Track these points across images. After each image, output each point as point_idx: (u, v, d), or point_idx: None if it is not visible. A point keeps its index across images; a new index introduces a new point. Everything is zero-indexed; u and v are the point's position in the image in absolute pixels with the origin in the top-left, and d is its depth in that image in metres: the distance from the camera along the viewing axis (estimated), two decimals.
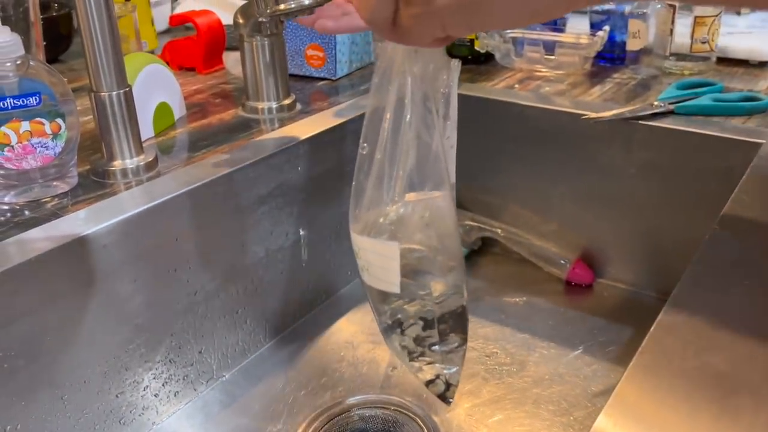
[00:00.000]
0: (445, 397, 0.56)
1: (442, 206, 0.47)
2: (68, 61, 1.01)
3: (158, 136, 0.74)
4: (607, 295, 0.83)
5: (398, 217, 0.47)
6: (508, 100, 0.82)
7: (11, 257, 0.51)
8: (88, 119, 0.71)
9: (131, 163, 0.64)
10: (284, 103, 0.79)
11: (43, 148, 0.59)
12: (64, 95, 0.60)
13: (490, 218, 0.89)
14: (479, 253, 0.90)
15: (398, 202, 0.46)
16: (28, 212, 0.58)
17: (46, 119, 0.59)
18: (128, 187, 0.63)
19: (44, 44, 0.79)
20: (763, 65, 0.91)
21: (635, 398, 0.38)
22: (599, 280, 0.84)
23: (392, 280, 0.47)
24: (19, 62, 0.57)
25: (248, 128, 0.76)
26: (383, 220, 0.47)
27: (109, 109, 0.62)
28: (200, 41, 0.94)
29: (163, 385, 0.64)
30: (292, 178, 0.72)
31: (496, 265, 0.89)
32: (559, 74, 0.91)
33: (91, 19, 0.58)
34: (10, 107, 0.57)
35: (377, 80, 0.46)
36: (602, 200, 0.80)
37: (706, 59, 0.89)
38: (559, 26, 0.97)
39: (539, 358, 0.72)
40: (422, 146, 0.45)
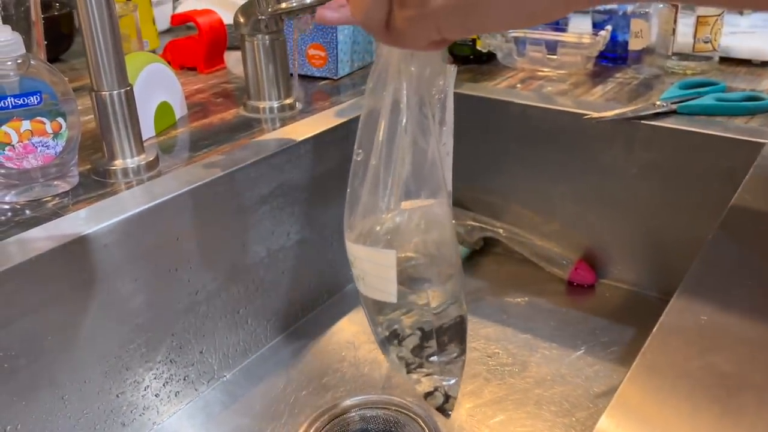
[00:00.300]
0: (444, 409, 0.55)
1: (438, 214, 0.46)
2: (69, 60, 1.01)
3: (159, 135, 0.74)
4: (609, 295, 0.82)
5: (394, 225, 0.46)
6: (510, 99, 0.82)
7: (12, 257, 0.51)
8: (89, 118, 0.71)
9: (132, 162, 0.64)
10: (285, 102, 0.79)
11: (43, 147, 0.59)
12: (65, 94, 0.60)
13: (491, 218, 0.89)
14: (481, 253, 0.90)
15: (394, 209, 0.45)
16: (28, 211, 0.58)
17: (47, 118, 0.59)
18: (129, 186, 0.62)
19: (45, 43, 0.79)
20: (765, 65, 0.91)
21: (638, 399, 0.38)
22: (601, 280, 0.84)
23: (389, 289, 0.45)
24: (20, 61, 0.57)
25: (249, 128, 0.75)
26: (379, 228, 0.46)
27: (110, 108, 0.62)
28: (201, 40, 0.94)
29: (164, 385, 0.64)
30: (293, 177, 0.72)
31: (497, 265, 0.89)
32: (561, 74, 0.91)
33: (92, 18, 0.58)
34: (11, 106, 0.57)
35: (372, 84, 0.45)
36: (604, 200, 0.80)
37: (708, 59, 0.88)
38: (561, 26, 0.97)
39: (541, 358, 0.72)
40: (418, 152, 0.44)
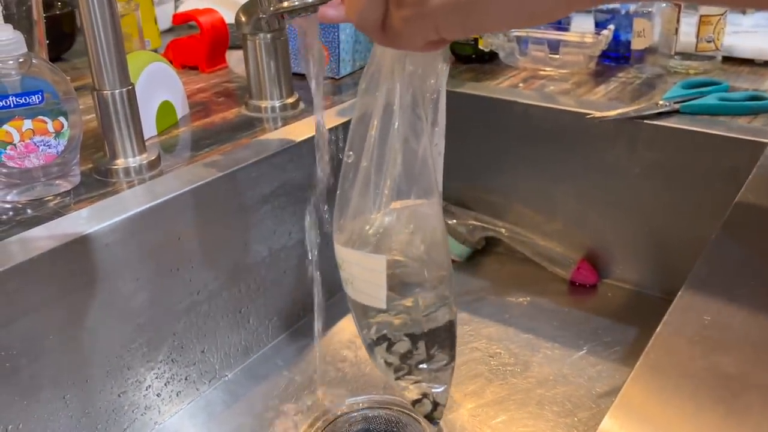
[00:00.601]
0: (432, 417, 0.54)
1: (429, 215, 0.45)
2: (71, 59, 1.01)
3: (161, 134, 0.74)
4: (611, 295, 0.82)
5: (384, 227, 0.45)
6: (512, 99, 0.82)
7: (14, 256, 0.51)
8: (90, 118, 0.71)
9: (134, 161, 0.64)
10: (287, 101, 0.79)
11: (45, 146, 0.59)
12: (66, 93, 0.60)
13: (493, 218, 0.89)
14: (483, 252, 0.90)
15: (384, 211, 0.44)
16: (30, 211, 0.58)
17: (48, 117, 0.59)
18: (131, 185, 0.62)
19: (47, 42, 0.79)
20: None
21: (641, 399, 0.38)
22: (604, 280, 0.84)
23: (378, 294, 0.45)
24: (21, 60, 0.57)
25: (251, 127, 0.75)
26: (368, 228, 0.45)
27: (111, 107, 0.61)
28: (203, 40, 0.94)
29: (165, 384, 0.64)
30: (295, 177, 0.72)
31: (499, 264, 0.89)
32: (563, 73, 0.91)
33: (94, 17, 0.58)
34: (12, 105, 0.57)
35: (365, 85, 0.44)
36: (607, 200, 0.80)
37: (711, 58, 0.88)
38: (563, 25, 0.97)
39: (543, 358, 0.72)
40: (410, 153, 0.44)
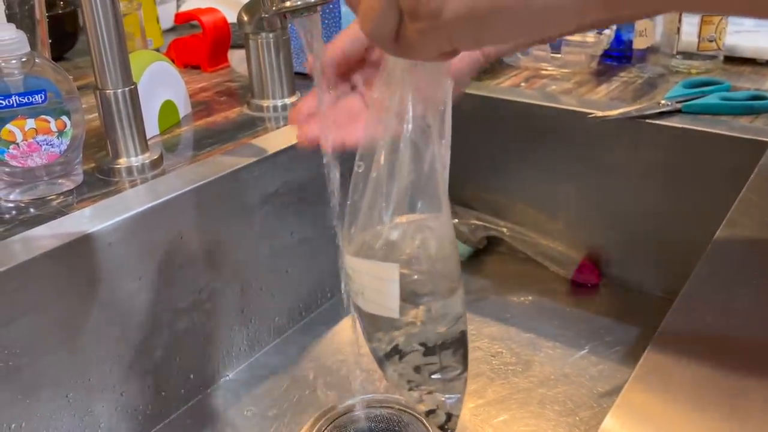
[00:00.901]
0: (445, 428, 0.54)
1: (439, 227, 0.45)
2: (73, 58, 1.02)
3: (163, 134, 0.74)
4: (613, 295, 0.82)
5: (394, 238, 0.45)
6: (513, 98, 0.82)
7: (16, 255, 0.51)
8: (93, 117, 0.71)
9: (136, 160, 0.64)
10: (289, 101, 0.79)
11: (48, 145, 0.59)
12: (69, 93, 0.60)
13: (495, 217, 0.89)
14: (484, 252, 0.90)
15: (394, 223, 0.44)
16: (33, 210, 0.58)
17: (51, 117, 0.59)
18: (133, 184, 0.62)
19: (50, 42, 0.79)
20: None
21: (643, 399, 0.38)
22: (605, 279, 0.84)
23: (391, 305, 0.44)
24: (24, 59, 0.57)
25: (253, 126, 0.75)
26: (379, 241, 0.45)
27: (114, 106, 0.62)
28: (205, 39, 0.94)
29: (167, 383, 0.64)
30: (297, 176, 0.72)
31: (501, 264, 0.89)
32: (565, 72, 0.91)
33: (96, 16, 0.58)
34: (15, 104, 0.57)
35: (376, 95, 0.44)
36: (608, 199, 0.80)
37: (713, 58, 0.88)
38: None
39: (545, 358, 0.72)
40: (419, 165, 0.44)
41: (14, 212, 0.58)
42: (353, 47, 0.48)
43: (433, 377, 0.49)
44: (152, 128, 0.72)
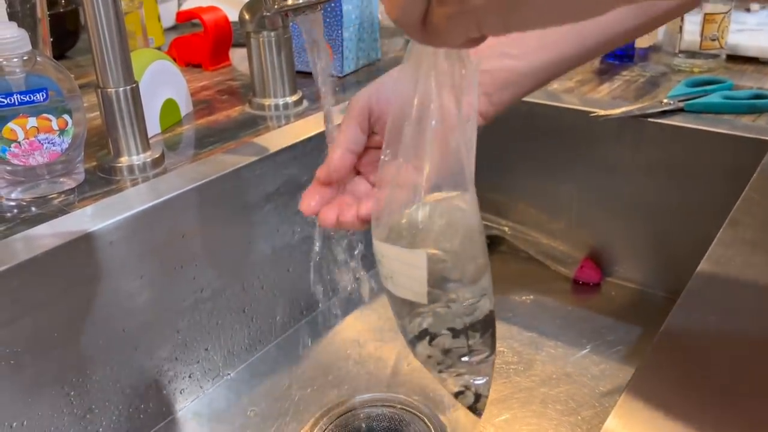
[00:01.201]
0: (475, 408, 0.55)
1: (465, 209, 0.46)
2: (75, 57, 1.02)
3: (165, 132, 0.74)
4: (615, 294, 0.82)
5: (421, 221, 0.45)
6: None
7: (18, 253, 0.51)
8: (94, 115, 0.71)
9: (138, 159, 0.64)
10: (291, 99, 0.79)
11: (49, 144, 0.59)
12: (70, 91, 0.60)
13: (497, 216, 0.88)
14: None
15: (421, 206, 0.45)
16: (34, 208, 0.58)
17: (52, 115, 0.59)
18: (135, 183, 0.62)
19: (51, 40, 0.79)
20: None
21: (645, 399, 0.38)
22: (607, 278, 0.84)
23: (419, 289, 0.45)
24: (26, 58, 0.57)
25: (255, 125, 0.75)
26: (407, 225, 0.45)
27: (115, 105, 0.61)
28: (207, 37, 0.94)
29: (168, 382, 0.64)
30: (298, 175, 0.72)
31: (503, 263, 0.89)
32: None
33: (98, 15, 0.58)
34: (17, 103, 0.57)
35: (401, 85, 0.44)
36: (610, 198, 0.80)
37: (715, 56, 0.88)
38: None
39: (546, 357, 0.72)
40: (445, 148, 0.44)
41: (16, 211, 0.58)
42: (355, 144, 0.48)
43: (462, 360, 0.50)
44: (153, 127, 0.72)
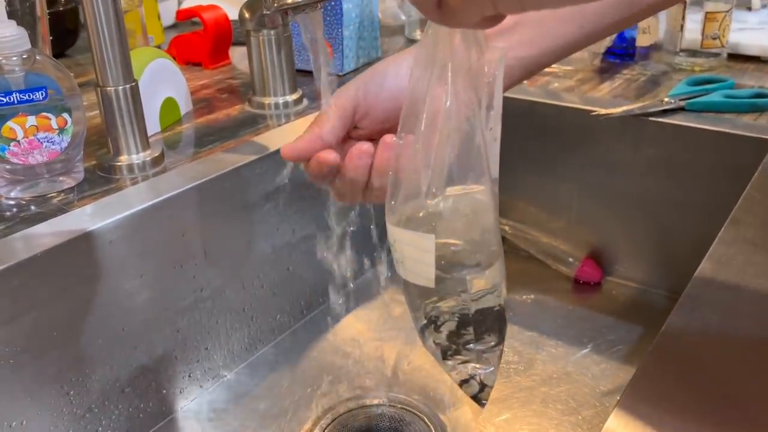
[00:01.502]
0: (479, 398, 0.55)
1: (482, 201, 0.46)
2: (74, 55, 1.01)
3: (164, 131, 0.74)
4: (615, 293, 0.82)
5: (436, 210, 0.45)
6: (516, 96, 0.82)
7: (17, 252, 0.51)
8: (94, 114, 0.71)
9: (137, 158, 0.64)
10: (291, 98, 0.79)
11: (49, 143, 0.59)
12: (70, 90, 0.60)
13: None
14: None
15: (437, 195, 0.45)
16: (34, 207, 0.58)
17: (52, 114, 0.59)
18: (134, 182, 0.62)
19: (51, 39, 0.79)
20: None
21: (646, 398, 0.37)
22: (608, 278, 0.84)
23: (427, 274, 0.45)
24: (25, 56, 0.57)
25: (255, 123, 0.75)
26: (422, 213, 0.45)
27: (115, 103, 0.61)
28: (207, 36, 0.94)
29: (168, 381, 0.64)
30: (299, 174, 0.72)
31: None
32: (568, 70, 0.90)
33: (97, 13, 0.58)
34: (16, 102, 0.57)
35: (417, 68, 0.44)
36: (611, 197, 0.80)
37: (716, 55, 0.88)
38: None
39: (547, 356, 0.72)
40: (463, 137, 0.44)
41: (15, 210, 0.58)
42: (332, 135, 0.49)
43: (468, 347, 0.50)
44: (153, 125, 0.72)
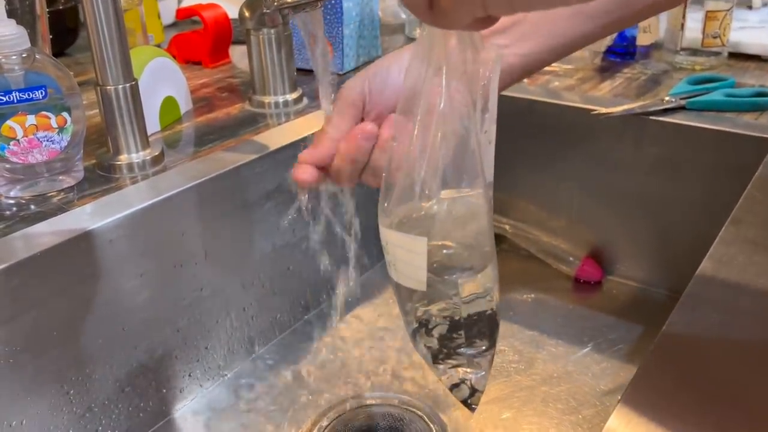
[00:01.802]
0: (468, 403, 0.54)
1: (476, 204, 0.46)
2: (74, 54, 1.01)
3: (164, 130, 0.74)
4: (616, 292, 0.82)
5: (430, 213, 0.45)
6: (516, 95, 0.82)
7: (17, 252, 0.51)
8: (94, 113, 0.71)
9: (137, 157, 0.64)
10: (291, 97, 0.79)
11: (48, 142, 0.59)
12: (70, 89, 0.60)
13: (497, 214, 0.88)
14: None
15: (431, 197, 0.45)
16: (33, 206, 0.58)
17: (51, 113, 0.59)
18: (134, 181, 0.62)
19: (50, 37, 0.79)
20: None
21: (646, 398, 0.37)
22: (608, 277, 0.84)
23: (419, 277, 0.45)
24: (25, 55, 0.57)
25: (255, 122, 0.75)
26: (415, 216, 0.45)
27: (115, 102, 0.61)
28: (207, 35, 0.93)
29: (168, 381, 0.64)
30: None
31: (503, 261, 0.87)
32: (568, 69, 0.90)
33: (97, 12, 0.58)
34: (15, 101, 0.57)
35: (412, 69, 0.44)
36: (612, 196, 0.80)
37: (717, 54, 0.88)
38: None
39: (547, 355, 0.71)
40: (457, 140, 0.44)
41: (15, 209, 0.58)
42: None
43: (459, 351, 0.50)
44: (153, 124, 0.72)
